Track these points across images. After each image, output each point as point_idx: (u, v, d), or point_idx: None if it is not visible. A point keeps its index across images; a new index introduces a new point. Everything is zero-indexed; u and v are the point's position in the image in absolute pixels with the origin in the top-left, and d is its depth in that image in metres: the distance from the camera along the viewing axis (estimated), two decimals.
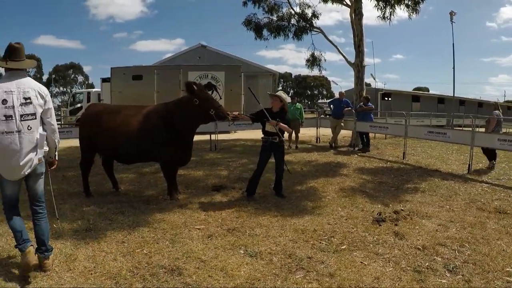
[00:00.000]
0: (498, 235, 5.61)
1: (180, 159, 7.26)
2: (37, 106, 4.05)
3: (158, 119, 7.00)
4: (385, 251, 4.98)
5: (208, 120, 7.19)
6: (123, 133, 7.00)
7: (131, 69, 22.32)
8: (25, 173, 4.07)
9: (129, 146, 7.05)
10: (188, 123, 7.02)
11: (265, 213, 6.50)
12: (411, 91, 49.63)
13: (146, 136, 6.92)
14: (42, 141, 4.14)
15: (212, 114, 6.81)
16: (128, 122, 7.07)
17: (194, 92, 6.83)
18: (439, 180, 9.39)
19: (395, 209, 6.69)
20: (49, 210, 4.65)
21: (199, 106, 6.79)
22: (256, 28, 17.57)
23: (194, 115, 6.93)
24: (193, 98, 6.81)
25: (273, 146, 7.35)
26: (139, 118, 7.09)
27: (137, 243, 5.14)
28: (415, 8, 15.17)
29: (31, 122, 4.02)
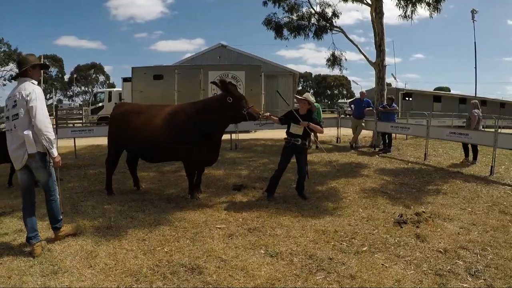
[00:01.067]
0: None
1: (207, 159, 7.24)
2: (20, 107, 4.61)
3: (186, 118, 6.96)
4: (407, 253, 4.94)
5: (240, 120, 7.19)
6: (151, 131, 7.01)
7: (152, 69, 22.46)
8: (20, 165, 4.73)
9: (156, 145, 7.04)
10: (218, 122, 6.98)
11: (286, 213, 6.49)
12: (432, 91, 48.94)
13: (173, 135, 6.89)
14: (29, 139, 4.59)
15: (245, 114, 6.78)
16: (156, 121, 7.08)
17: (229, 90, 6.81)
18: (461, 182, 9.23)
19: (417, 211, 6.60)
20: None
21: (232, 104, 6.75)
22: (276, 27, 17.53)
23: (226, 114, 6.86)
24: (226, 96, 6.77)
25: (295, 148, 7.26)
26: (167, 117, 7.09)
27: (158, 241, 5.20)
28: (437, 6, 14.94)
29: (16, 121, 4.65)
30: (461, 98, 43.83)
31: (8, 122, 4.75)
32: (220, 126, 7.13)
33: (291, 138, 7.26)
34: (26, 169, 4.78)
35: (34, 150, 4.64)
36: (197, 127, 6.86)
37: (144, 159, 7.91)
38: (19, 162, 4.72)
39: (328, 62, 18.52)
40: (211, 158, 7.28)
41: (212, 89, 22.02)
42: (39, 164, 4.73)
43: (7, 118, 4.76)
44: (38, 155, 4.68)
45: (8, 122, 4.75)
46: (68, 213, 6.28)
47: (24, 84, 4.70)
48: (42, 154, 4.72)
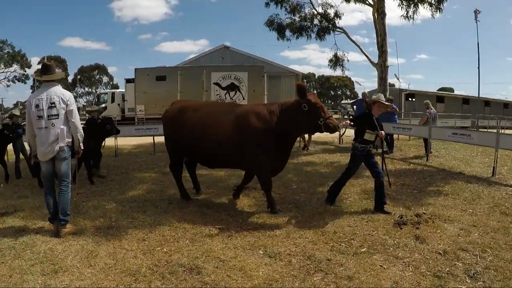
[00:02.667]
0: None
1: (272, 169, 6.69)
2: (59, 108, 5.40)
3: (258, 121, 6.40)
4: (405, 255, 4.94)
5: (315, 130, 6.60)
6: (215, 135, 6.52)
7: (155, 70, 22.60)
8: (50, 157, 5.42)
9: (219, 149, 6.58)
10: (290, 130, 6.44)
11: (286, 214, 6.50)
12: (435, 92, 48.88)
13: (241, 140, 6.41)
14: (63, 134, 5.41)
15: (321, 125, 6.22)
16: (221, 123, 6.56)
17: (306, 97, 6.22)
18: (463, 183, 9.19)
19: (417, 212, 6.57)
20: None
21: (307, 113, 6.20)
22: (278, 28, 17.57)
23: (299, 122, 6.31)
24: (302, 103, 6.21)
25: (367, 155, 6.80)
26: (233, 118, 6.55)
27: (157, 241, 5.25)
28: (438, 6, 14.97)
29: (55, 120, 5.39)
30: (465, 99, 43.77)
31: (42, 120, 5.37)
32: (293, 134, 6.71)
33: (366, 145, 6.70)
34: (51, 160, 5.47)
35: (65, 143, 5.44)
36: (269, 132, 6.31)
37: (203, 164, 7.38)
38: (51, 154, 5.40)
39: (330, 63, 18.61)
40: (277, 169, 6.79)
41: (215, 90, 22.13)
42: (65, 155, 5.49)
43: (40, 117, 5.36)
44: (66, 147, 5.49)
45: (43, 121, 5.37)
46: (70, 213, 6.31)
47: (58, 89, 5.53)
48: (69, 146, 5.54)
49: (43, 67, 5.58)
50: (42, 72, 5.53)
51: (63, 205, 5.46)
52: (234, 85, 22.16)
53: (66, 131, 5.44)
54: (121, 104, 26.55)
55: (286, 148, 6.63)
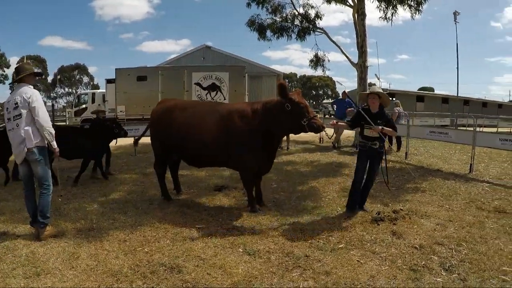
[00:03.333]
0: (496, 234, 5.65)
1: (259, 169, 6.66)
2: (22, 108, 5.23)
3: (242, 121, 6.36)
4: (382, 250, 5.05)
5: (299, 131, 6.31)
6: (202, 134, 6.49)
7: (136, 70, 22.44)
8: (21, 159, 5.34)
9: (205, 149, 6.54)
10: (274, 130, 6.36)
11: (265, 213, 6.58)
12: (416, 91, 49.52)
13: (229, 139, 6.37)
14: (29, 135, 5.22)
15: (305, 125, 6.09)
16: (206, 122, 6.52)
17: (287, 96, 6.09)
18: (441, 180, 9.41)
19: (394, 209, 6.68)
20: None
21: (290, 112, 6.06)
22: (259, 28, 17.58)
23: (283, 122, 6.18)
24: (285, 102, 6.09)
25: (371, 152, 6.48)
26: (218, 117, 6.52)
27: (138, 242, 5.28)
28: (418, 8, 15.12)
29: (18, 121, 5.26)
30: (444, 98, 44.46)
31: (10, 122, 5.33)
32: (278, 134, 6.64)
33: (368, 141, 6.44)
34: (26, 162, 5.37)
35: (33, 144, 5.23)
36: (254, 131, 6.27)
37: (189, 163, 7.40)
38: (21, 156, 5.31)
39: (311, 63, 18.56)
40: (264, 169, 6.74)
41: (196, 90, 22.09)
42: (36, 157, 5.29)
43: (9, 120, 5.35)
44: (36, 149, 5.27)
45: (10, 123, 5.33)
46: (51, 216, 6.22)
47: (24, 89, 5.33)
48: (39, 148, 5.32)
49: (14, 70, 5.58)
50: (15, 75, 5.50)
51: (42, 207, 5.38)
52: (215, 85, 22.13)
53: (33, 132, 5.26)
54: (101, 104, 26.32)
55: (272, 147, 6.62)
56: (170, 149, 7.05)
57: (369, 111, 6.40)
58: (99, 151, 9.29)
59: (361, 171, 6.58)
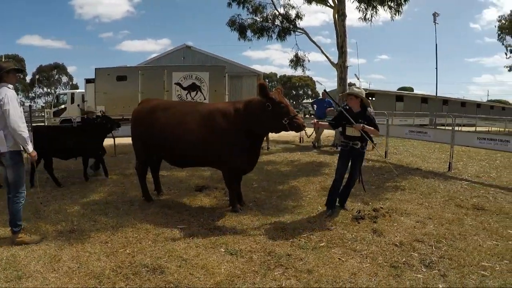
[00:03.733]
0: (475, 231, 5.77)
1: (244, 167, 6.70)
2: None
3: (225, 120, 6.38)
4: (363, 247, 5.12)
5: (280, 129, 6.28)
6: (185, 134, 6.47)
7: (115, 70, 22.21)
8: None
9: (190, 149, 6.53)
10: (256, 129, 6.37)
11: (247, 213, 6.60)
12: (395, 91, 50.12)
13: (212, 139, 6.37)
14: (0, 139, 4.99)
15: (286, 124, 6.08)
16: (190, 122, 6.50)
17: (268, 96, 6.09)
18: (420, 178, 9.55)
19: (375, 207, 6.77)
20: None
21: (271, 112, 6.07)
22: (240, 28, 17.58)
23: (264, 121, 6.19)
24: (265, 102, 6.10)
25: (353, 152, 6.48)
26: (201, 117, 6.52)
27: (120, 243, 5.23)
28: (398, 9, 15.28)
29: None
30: (423, 98, 45.08)
31: None
32: (260, 133, 6.59)
33: (349, 141, 6.45)
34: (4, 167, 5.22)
35: (5, 149, 5.02)
36: (237, 130, 6.30)
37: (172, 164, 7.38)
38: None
39: (291, 63, 18.64)
40: (247, 167, 6.75)
41: (176, 90, 21.96)
42: (8, 162, 5.09)
43: None
44: (8, 154, 5.05)
45: None
46: (31, 218, 6.22)
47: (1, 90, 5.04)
48: (12, 152, 5.10)
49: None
50: None
51: (12, 215, 5.20)
52: (195, 85, 22.03)
53: (6, 136, 5.00)
54: (81, 104, 25.97)
55: (255, 147, 6.63)
56: (152, 149, 7.00)
57: (351, 111, 6.41)
58: (95, 148, 9.44)
59: (342, 171, 6.59)
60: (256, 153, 6.73)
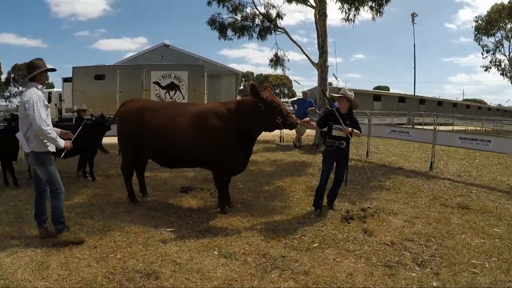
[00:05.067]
0: (462, 229, 5.87)
1: (236, 168, 6.65)
2: (21, 111, 4.98)
3: (219, 120, 6.29)
4: (356, 247, 5.13)
5: (274, 128, 6.35)
6: (177, 134, 6.35)
7: (93, 69, 21.76)
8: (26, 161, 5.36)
9: (182, 149, 6.40)
10: (250, 129, 6.32)
11: (236, 214, 6.51)
12: (373, 90, 50.61)
13: (205, 139, 6.26)
14: (21, 140, 5.05)
15: (279, 123, 6.10)
16: (182, 122, 6.39)
17: (259, 97, 6.07)
18: (403, 177, 9.67)
19: (362, 207, 6.82)
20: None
21: (265, 112, 6.07)
22: (220, 27, 17.48)
23: (257, 121, 6.18)
24: (257, 103, 6.09)
25: (339, 152, 6.53)
26: (193, 117, 6.41)
27: (109, 247, 5.05)
28: (379, 10, 15.44)
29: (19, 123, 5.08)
30: (401, 97, 45.59)
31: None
32: (254, 133, 6.49)
33: (335, 141, 6.50)
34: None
35: (28, 149, 5.00)
36: (231, 131, 6.23)
37: (162, 164, 7.17)
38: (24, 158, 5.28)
39: (271, 62, 18.68)
40: (240, 168, 6.66)
41: (155, 89, 21.72)
42: (33, 162, 5.09)
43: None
44: (31, 154, 5.02)
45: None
46: (14, 222, 5.98)
47: (27, 91, 5.03)
48: (35, 153, 5.02)
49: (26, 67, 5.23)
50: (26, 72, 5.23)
51: (53, 213, 5.22)
52: (174, 84, 21.80)
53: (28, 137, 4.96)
54: (58, 104, 25.43)
55: (248, 147, 6.55)
56: (140, 150, 6.83)
57: (339, 112, 6.48)
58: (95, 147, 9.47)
59: (328, 171, 6.64)
60: (248, 154, 6.66)
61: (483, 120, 34.07)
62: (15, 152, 8.58)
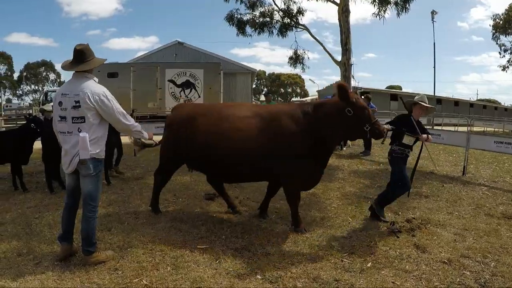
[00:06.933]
0: None
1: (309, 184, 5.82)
2: (85, 109, 4.16)
3: (294, 125, 5.38)
4: (412, 267, 4.54)
5: (358, 137, 5.73)
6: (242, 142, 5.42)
7: (106, 66, 21.31)
8: (70, 170, 4.35)
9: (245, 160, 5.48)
10: (332, 136, 5.47)
11: (272, 226, 5.84)
12: (389, 90, 50.02)
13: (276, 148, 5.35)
14: (83, 143, 4.15)
15: (367, 131, 5.32)
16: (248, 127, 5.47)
17: (349, 100, 5.23)
18: (438, 183, 9.14)
19: (407, 218, 6.26)
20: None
21: (352, 118, 5.24)
22: (238, 24, 17.00)
23: (342, 128, 5.37)
24: (345, 106, 5.23)
25: (406, 159, 6.18)
26: (263, 121, 5.50)
27: (133, 270, 4.28)
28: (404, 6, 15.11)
29: (80, 125, 4.20)
30: None
31: (64, 123, 4.29)
32: (334, 141, 5.73)
33: (405, 148, 6.04)
34: (76, 174, 4.41)
35: (88, 155, 4.22)
36: (307, 137, 5.35)
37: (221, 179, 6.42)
38: (71, 166, 4.33)
39: (290, 60, 18.32)
40: (314, 181, 5.83)
41: (170, 87, 21.26)
42: (89, 171, 4.31)
43: (62, 119, 4.29)
44: (90, 162, 4.28)
45: (64, 124, 4.29)
46: (22, 235, 5.32)
47: (88, 83, 4.30)
48: (95, 160, 4.32)
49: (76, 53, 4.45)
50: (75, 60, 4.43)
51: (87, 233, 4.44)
52: (189, 83, 21.44)
53: (92, 140, 4.24)
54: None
55: (324, 157, 5.70)
56: (189, 161, 6.11)
57: (411, 118, 6.06)
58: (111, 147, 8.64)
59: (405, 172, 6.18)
60: (324, 164, 5.77)
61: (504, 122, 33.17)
62: (27, 154, 8.04)
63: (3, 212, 6.48)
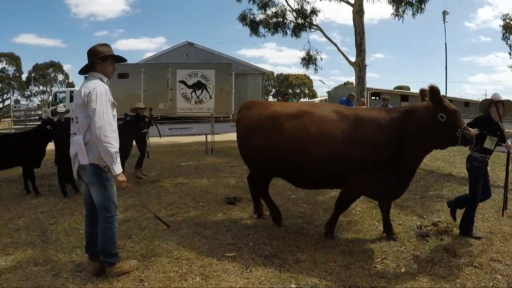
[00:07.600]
0: None
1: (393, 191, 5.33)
2: (80, 108, 3.91)
3: (382, 132, 4.97)
4: (446, 272, 4.45)
5: (450, 144, 5.05)
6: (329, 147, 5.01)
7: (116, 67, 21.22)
8: (75, 174, 4.09)
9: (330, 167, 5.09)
10: (421, 144, 4.96)
11: (299, 232, 5.68)
12: (399, 91, 49.85)
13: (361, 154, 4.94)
14: (79, 146, 3.87)
15: (459, 137, 4.85)
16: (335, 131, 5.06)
17: (442, 104, 4.82)
18: (458, 185, 8.96)
19: (433, 221, 6.12)
20: None
21: (445, 124, 4.80)
22: (251, 24, 16.90)
23: (433, 136, 4.88)
24: (438, 112, 4.80)
25: (486, 166, 5.55)
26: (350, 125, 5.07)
27: (159, 281, 4.06)
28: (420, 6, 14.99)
29: (77, 125, 3.97)
30: None
31: (73, 124, 4.09)
32: (424, 149, 5.15)
33: (486, 155, 5.42)
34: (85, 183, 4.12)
35: (86, 161, 3.88)
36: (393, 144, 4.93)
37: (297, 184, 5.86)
38: (74, 172, 4.09)
39: (303, 61, 18.23)
40: (398, 192, 5.40)
41: (181, 88, 21.17)
42: (90, 178, 3.97)
43: (73, 120, 4.09)
44: (90, 168, 3.92)
45: (73, 125, 4.08)
46: (37, 243, 5.15)
47: (89, 82, 4.00)
48: (96, 167, 3.93)
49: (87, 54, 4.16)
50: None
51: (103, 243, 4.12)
52: (200, 83, 21.37)
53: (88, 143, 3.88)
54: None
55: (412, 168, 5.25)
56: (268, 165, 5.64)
57: (492, 119, 5.45)
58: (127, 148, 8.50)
59: (480, 190, 5.60)
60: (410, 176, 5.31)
61: None
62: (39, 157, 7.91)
63: (16, 217, 6.33)
